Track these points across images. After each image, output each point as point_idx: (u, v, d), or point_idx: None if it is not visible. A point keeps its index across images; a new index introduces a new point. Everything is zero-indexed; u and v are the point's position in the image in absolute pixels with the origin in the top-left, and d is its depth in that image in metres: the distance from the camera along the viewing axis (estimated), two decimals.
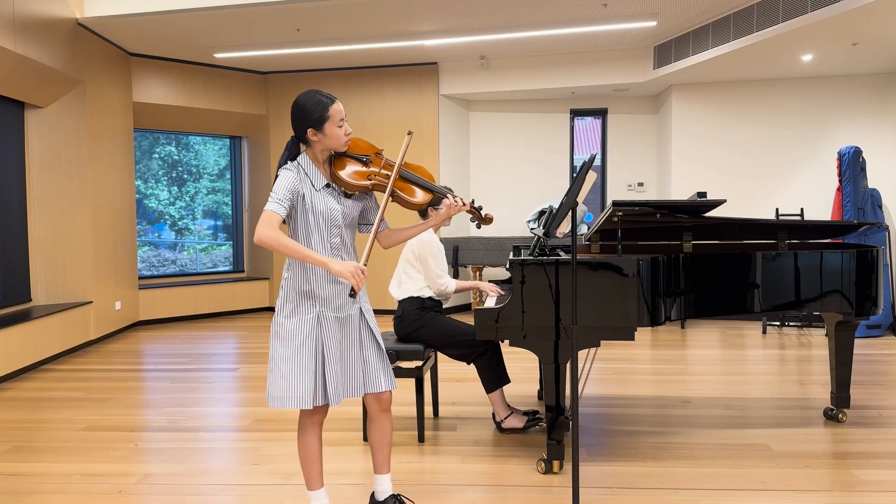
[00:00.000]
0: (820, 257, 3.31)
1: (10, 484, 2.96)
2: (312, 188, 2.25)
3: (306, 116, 2.21)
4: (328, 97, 2.22)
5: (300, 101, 2.22)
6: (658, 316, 3.01)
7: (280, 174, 2.21)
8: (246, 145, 8.21)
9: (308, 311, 2.26)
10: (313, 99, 2.21)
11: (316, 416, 2.36)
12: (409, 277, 3.52)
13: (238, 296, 7.82)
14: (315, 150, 2.28)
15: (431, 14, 5.74)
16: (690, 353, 5.49)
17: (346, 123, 2.26)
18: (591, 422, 3.70)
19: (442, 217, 2.42)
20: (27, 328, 5.07)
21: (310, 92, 2.24)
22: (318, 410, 2.35)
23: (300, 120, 2.22)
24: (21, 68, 5.09)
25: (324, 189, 2.28)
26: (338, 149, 2.27)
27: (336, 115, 2.22)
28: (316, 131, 2.22)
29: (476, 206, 2.46)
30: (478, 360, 3.46)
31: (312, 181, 2.26)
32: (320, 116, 2.20)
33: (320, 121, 2.20)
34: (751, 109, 6.94)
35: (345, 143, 2.27)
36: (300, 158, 2.28)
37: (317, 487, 2.39)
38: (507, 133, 7.92)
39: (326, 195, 2.27)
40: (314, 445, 2.37)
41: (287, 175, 2.20)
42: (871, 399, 4.08)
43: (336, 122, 2.22)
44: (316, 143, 2.25)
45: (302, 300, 2.26)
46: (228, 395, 4.37)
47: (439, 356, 5.30)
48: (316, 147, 2.26)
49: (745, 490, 2.78)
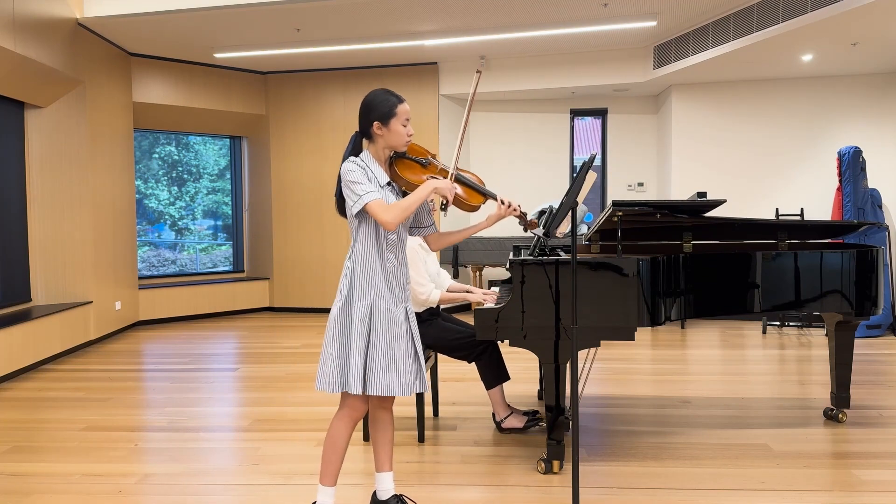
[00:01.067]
0: (820, 257, 3.31)
1: (10, 484, 2.96)
2: (377, 183, 2.32)
3: (374, 109, 2.29)
4: (397, 96, 2.32)
5: (371, 96, 2.32)
6: (658, 316, 3.01)
7: (345, 167, 2.27)
8: (246, 145, 8.21)
9: (363, 300, 2.31)
10: (383, 95, 2.31)
11: (357, 409, 2.36)
12: None
13: (238, 296, 7.82)
14: (378, 147, 2.34)
15: (431, 14, 5.74)
16: (690, 353, 5.49)
17: (410, 125, 2.35)
18: (591, 422, 3.70)
19: (492, 221, 2.48)
20: (27, 328, 5.07)
21: (380, 89, 2.35)
22: (361, 405, 2.36)
23: (367, 112, 2.31)
24: (21, 68, 5.09)
25: (385, 187, 2.34)
26: (398, 148, 2.34)
27: (402, 114, 2.31)
28: (381, 125, 2.29)
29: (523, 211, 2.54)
30: (478, 359, 3.46)
31: (377, 177, 2.33)
32: (388, 111, 2.29)
33: (388, 115, 2.29)
34: (751, 109, 6.94)
35: (405, 143, 2.35)
36: (362, 155, 2.35)
37: (330, 484, 2.39)
38: (507, 133, 7.92)
39: (387, 192, 2.34)
40: (344, 439, 2.38)
41: (354, 167, 2.27)
42: (871, 399, 4.08)
43: (401, 119, 2.31)
44: (379, 137, 2.32)
45: (360, 289, 2.32)
46: (228, 395, 4.37)
47: (439, 356, 5.30)
48: (378, 143, 2.33)
49: (745, 490, 2.78)
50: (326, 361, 2.32)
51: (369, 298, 2.32)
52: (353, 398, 2.35)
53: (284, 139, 7.83)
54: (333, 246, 7.78)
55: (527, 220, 2.56)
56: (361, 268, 2.33)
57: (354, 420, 2.38)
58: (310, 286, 7.87)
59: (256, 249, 8.17)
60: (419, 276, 3.38)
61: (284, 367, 5.13)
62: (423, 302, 3.41)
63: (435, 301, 3.41)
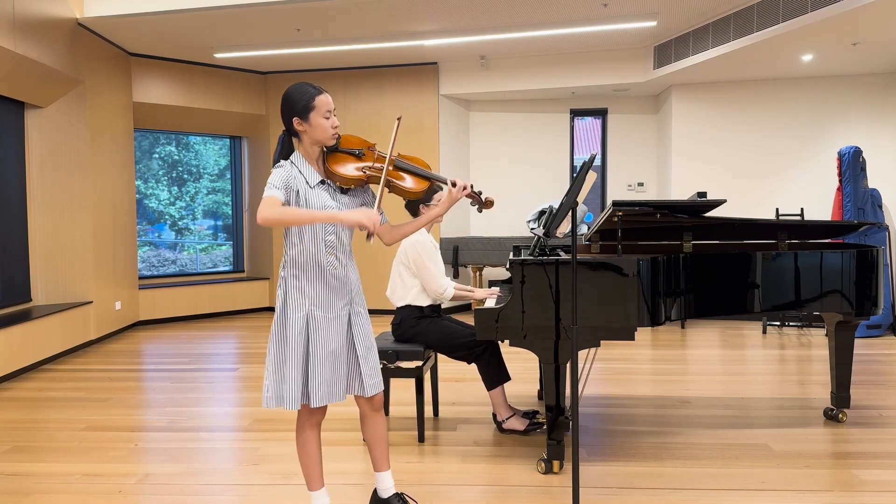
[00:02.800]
0: (820, 257, 3.31)
1: (10, 484, 2.96)
2: (307, 185, 2.23)
3: (292, 105, 2.21)
4: (316, 88, 2.22)
5: (288, 92, 2.23)
6: (658, 316, 3.01)
7: (273, 171, 2.21)
8: (246, 145, 8.21)
9: (299, 310, 2.24)
10: (300, 89, 2.22)
11: (314, 416, 2.35)
12: (404, 283, 3.48)
13: (238, 296, 7.82)
14: (305, 144, 2.26)
15: (431, 14, 5.74)
16: (690, 353, 5.48)
17: (335, 117, 2.25)
18: (591, 422, 3.70)
19: (445, 205, 2.34)
20: (27, 328, 5.07)
21: (299, 83, 2.24)
22: (315, 411, 2.34)
23: (287, 110, 2.22)
24: (21, 68, 5.09)
25: (318, 186, 2.26)
26: (325, 142, 2.24)
27: (322, 106, 2.20)
28: (301, 121, 2.21)
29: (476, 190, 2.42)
30: (478, 360, 3.45)
31: (306, 178, 2.24)
32: (305, 105, 2.19)
33: (305, 110, 2.20)
34: (751, 109, 6.94)
35: (332, 136, 2.24)
36: (293, 156, 2.27)
37: (317, 488, 2.39)
38: (507, 133, 7.92)
39: (321, 191, 2.26)
40: (313, 446, 2.37)
41: (277, 171, 2.20)
42: (871, 399, 4.08)
43: (322, 112, 2.20)
44: (303, 133, 2.23)
45: (294, 299, 2.25)
46: (228, 395, 4.37)
47: (439, 356, 5.30)
48: (305, 139, 2.25)
49: (745, 490, 2.78)
50: (265, 377, 2.27)
51: (304, 309, 2.24)
52: (304, 407, 2.31)
53: None
54: None
55: (481, 200, 2.41)
56: (294, 277, 2.25)
57: (316, 425, 2.36)
58: None
59: (256, 249, 8.17)
60: (437, 269, 3.41)
61: None
62: (440, 297, 3.45)
63: (450, 296, 3.45)
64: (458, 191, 2.33)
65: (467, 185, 2.34)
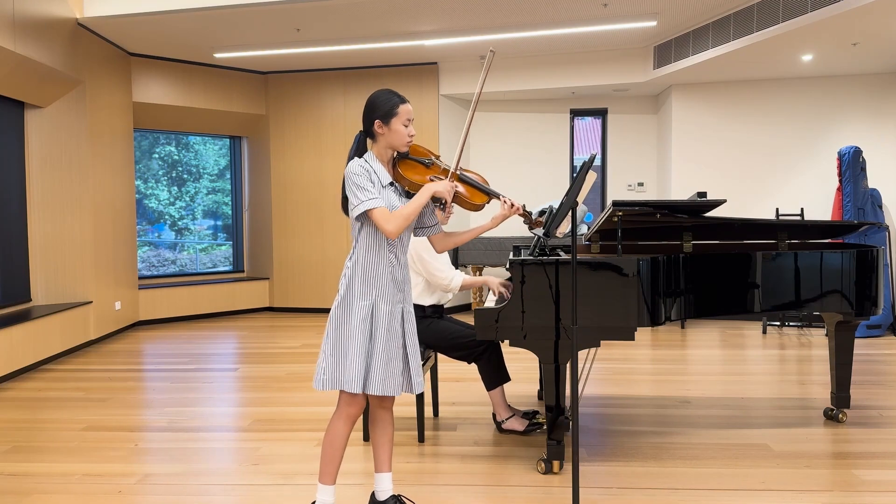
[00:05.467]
0: (820, 257, 3.31)
1: (10, 484, 2.96)
2: (380, 183, 2.33)
3: (376, 108, 2.32)
4: (400, 97, 2.35)
5: (374, 95, 2.36)
6: (658, 316, 3.01)
7: (350, 168, 2.29)
8: (246, 145, 8.21)
9: (364, 298, 2.32)
10: (386, 95, 2.35)
11: (354, 406, 2.36)
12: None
13: (238, 296, 7.82)
14: (380, 146, 2.37)
15: (431, 14, 5.74)
16: (690, 353, 5.49)
17: (412, 126, 2.37)
18: (591, 422, 3.70)
19: (498, 220, 2.50)
20: (27, 328, 5.07)
21: (383, 89, 2.37)
22: (359, 402, 2.36)
23: (370, 112, 2.34)
24: (21, 68, 5.09)
25: (388, 187, 2.36)
26: (399, 148, 2.36)
27: (404, 114, 2.33)
28: (382, 124, 2.32)
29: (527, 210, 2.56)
30: (478, 360, 3.46)
31: (380, 177, 2.34)
32: (389, 110, 2.31)
33: (388, 114, 2.31)
34: (751, 109, 6.94)
35: (407, 143, 2.36)
36: (367, 155, 2.37)
37: (329, 483, 2.39)
38: (507, 133, 7.92)
39: (390, 192, 2.36)
40: (342, 440, 2.38)
41: (359, 170, 2.29)
42: (871, 399, 4.08)
43: (403, 119, 2.33)
44: (381, 136, 2.34)
45: (361, 288, 2.32)
46: (228, 395, 4.37)
47: (439, 356, 5.30)
48: (381, 142, 2.35)
49: (745, 490, 2.78)
50: (323, 360, 2.33)
51: (371, 298, 2.33)
52: (350, 397, 2.35)
53: (284, 139, 7.83)
54: (333, 246, 7.78)
55: (532, 220, 2.58)
56: (363, 268, 2.34)
57: (353, 418, 2.38)
58: (310, 286, 7.87)
59: (256, 249, 8.17)
60: (438, 262, 3.39)
61: (284, 367, 5.13)
62: (446, 287, 3.42)
63: (458, 286, 3.42)
64: (510, 209, 2.47)
65: (520, 205, 2.50)
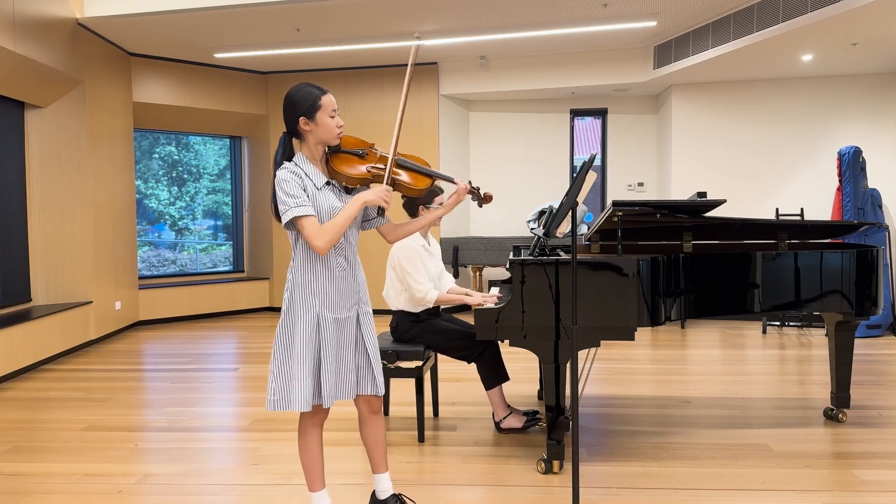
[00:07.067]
0: (820, 257, 3.31)
1: (10, 484, 2.96)
2: (314, 187, 2.23)
3: (297, 105, 2.20)
4: (319, 88, 2.23)
5: (291, 93, 2.22)
6: (658, 316, 3.01)
7: (279, 176, 2.18)
8: (246, 145, 8.21)
9: (308, 312, 2.24)
10: (304, 90, 2.22)
11: (317, 416, 2.35)
12: (393, 287, 3.47)
13: (238, 296, 7.82)
14: (309, 145, 2.25)
15: (431, 14, 5.74)
16: (690, 353, 5.48)
17: (339, 116, 2.26)
18: (591, 422, 3.70)
19: (451, 204, 2.41)
20: (27, 328, 5.07)
21: (300, 84, 2.25)
22: (318, 412, 2.34)
23: (292, 110, 2.21)
24: (21, 68, 5.09)
25: (325, 187, 2.26)
26: (330, 142, 2.25)
27: (328, 106, 2.21)
28: (308, 120, 2.20)
29: (475, 186, 2.47)
30: (478, 359, 3.45)
31: (313, 180, 2.23)
32: (312, 104, 2.19)
33: (312, 109, 2.20)
34: (751, 109, 6.94)
35: (337, 136, 2.25)
36: (296, 158, 2.26)
37: (319, 489, 2.39)
38: (507, 133, 7.92)
39: (328, 193, 2.26)
40: (315, 446, 2.37)
41: (289, 176, 2.18)
42: (871, 399, 4.08)
43: (328, 112, 2.21)
44: (308, 133, 2.23)
45: (303, 300, 2.25)
46: (228, 395, 4.37)
47: (439, 356, 5.30)
48: (309, 140, 2.24)
49: (745, 490, 2.78)
50: (272, 381, 2.26)
51: (315, 309, 2.25)
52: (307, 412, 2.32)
53: None
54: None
55: (480, 195, 2.46)
56: (303, 278, 2.25)
57: (319, 423, 2.36)
58: None
59: (256, 249, 8.17)
60: (417, 274, 3.35)
61: None
62: (420, 301, 3.38)
63: (432, 301, 3.37)
64: (461, 188, 2.36)
65: (465, 183, 2.39)
